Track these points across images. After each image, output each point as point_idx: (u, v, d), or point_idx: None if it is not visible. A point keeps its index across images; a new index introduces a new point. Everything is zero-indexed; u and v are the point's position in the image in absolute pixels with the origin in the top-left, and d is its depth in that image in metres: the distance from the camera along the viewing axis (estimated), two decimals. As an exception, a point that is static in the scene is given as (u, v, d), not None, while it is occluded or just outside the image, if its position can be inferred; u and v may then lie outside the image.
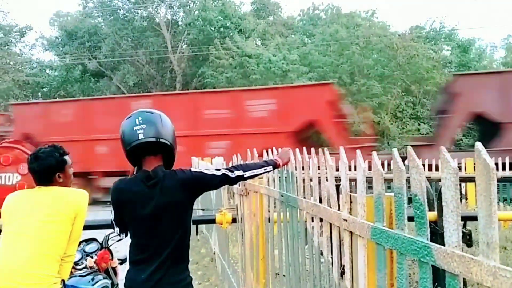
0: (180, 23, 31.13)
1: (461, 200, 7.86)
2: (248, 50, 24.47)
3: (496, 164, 10.11)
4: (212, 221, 4.07)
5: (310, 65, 24.97)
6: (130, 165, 2.34)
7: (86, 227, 3.52)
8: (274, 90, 15.46)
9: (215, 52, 25.06)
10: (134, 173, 2.30)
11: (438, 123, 14.69)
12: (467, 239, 4.03)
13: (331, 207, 2.05)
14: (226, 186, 6.18)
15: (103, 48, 29.39)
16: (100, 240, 3.26)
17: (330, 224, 2.08)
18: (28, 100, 29.02)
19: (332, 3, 31.03)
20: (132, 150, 2.19)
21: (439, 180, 1.41)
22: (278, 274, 3.29)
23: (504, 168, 9.97)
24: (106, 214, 2.45)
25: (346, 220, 1.85)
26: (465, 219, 4.08)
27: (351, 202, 1.85)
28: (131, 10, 30.95)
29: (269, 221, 3.26)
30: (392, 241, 1.47)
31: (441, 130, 13.94)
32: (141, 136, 2.14)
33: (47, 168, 2.53)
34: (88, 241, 3.22)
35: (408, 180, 1.43)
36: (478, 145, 1.09)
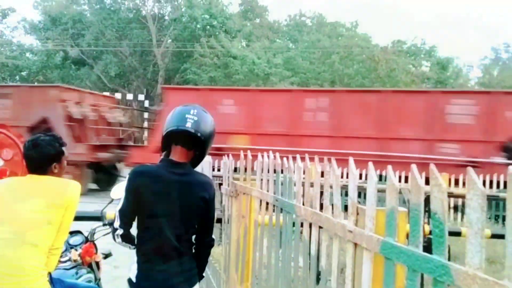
0: (166, 17, 30.91)
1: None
2: (233, 51, 24.47)
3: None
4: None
5: (294, 70, 25.14)
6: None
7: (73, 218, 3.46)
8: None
9: (200, 50, 24.98)
10: (160, 158, 2.32)
11: None
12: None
13: (333, 217, 2.04)
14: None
15: (87, 36, 28.96)
16: (86, 233, 3.18)
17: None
18: (6, 82, 28.30)
19: (318, 11, 31.31)
20: (171, 134, 2.21)
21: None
22: (262, 279, 3.28)
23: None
24: (95, 206, 2.41)
25: (351, 232, 1.84)
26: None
27: (357, 214, 1.85)
28: (117, 0, 30.54)
29: (259, 225, 3.24)
30: (404, 257, 1.47)
31: None
32: (188, 125, 2.18)
33: (45, 156, 2.45)
34: (73, 233, 3.13)
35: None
36: (470, 170, 1.10)
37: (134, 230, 2.32)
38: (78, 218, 3.56)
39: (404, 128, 12.44)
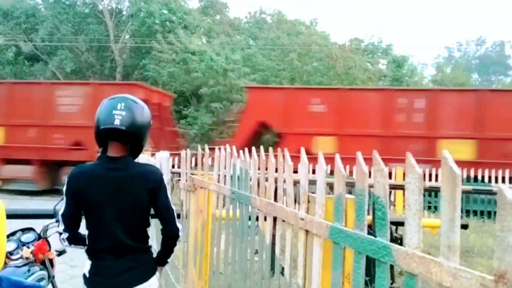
0: (124, 12, 30.28)
1: (390, 206, 8.32)
2: (191, 46, 24.27)
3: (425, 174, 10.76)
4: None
5: (254, 68, 25.21)
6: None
7: (25, 216, 3.37)
8: None
9: (158, 46, 24.65)
10: (98, 155, 2.27)
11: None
12: (399, 243, 4.31)
13: (286, 206, 2.09)
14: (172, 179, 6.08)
15: (41, 31, 27.95)
16: (38, 230, 3.10)
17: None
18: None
19: (278, 9, 31.50)
20: (102, 133, 2.16)
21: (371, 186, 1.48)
22: (221, 273, 3.30)
23: (430, 179, 10.59)
24: (49, 204, 2.34)
25: (303, 219, 1.89)
26: (396, 224, 4.37)
27: (308, 202, 1.91)
28: (73, -6, 29.70)
29: (216, 219, 3.26)
30: (350, 241, 1.53)
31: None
32: (116, 122, 2.11)
33: None
34: (25, 230, 3.05)
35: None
36: (445, 153, 1.16)
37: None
38: (30, 216, 3.49)
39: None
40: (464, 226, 4.70)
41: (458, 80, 30.18)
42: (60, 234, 2.23)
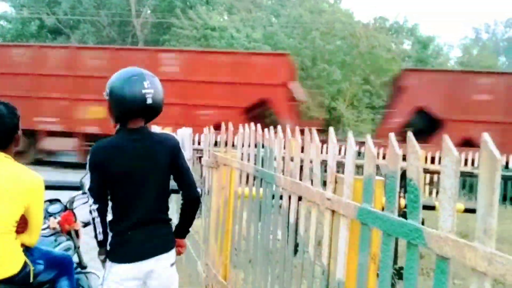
0: (146, -14, 30.11)
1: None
2: (212, 22, 24.08)
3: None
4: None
5: (275, 46, 24.95)
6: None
7: (52, 187, 3.44)
8: None
9: (178, 22, 24.52)
10: (116, 128, 2.28)
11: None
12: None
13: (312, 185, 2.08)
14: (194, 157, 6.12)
15: (63, 4, 28.03)
16: (64, 201, 3.17)
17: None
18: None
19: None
20: (130, 111, 2.16)
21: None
22: (242, 250, 3.33)
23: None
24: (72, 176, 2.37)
25: (329, 199, 1.89)
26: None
27: (336, 183, 1.89)
28: (95, -33, 29.59)
29: (239, 197, 3.27)
30: (380, 222, 1.52)
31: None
32: (149, 101, 2.15)
33: (10, 127, 2.30)
34: (52, 201, 3.12)
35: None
36: (485, 136, 1.13)
37: None
38: (57, 187, 3.56)
39: None
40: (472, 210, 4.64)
41: (485, 62, 29.42)
42: (90, 209, 2.24)
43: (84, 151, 13.94)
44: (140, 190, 2.20)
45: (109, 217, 2.28)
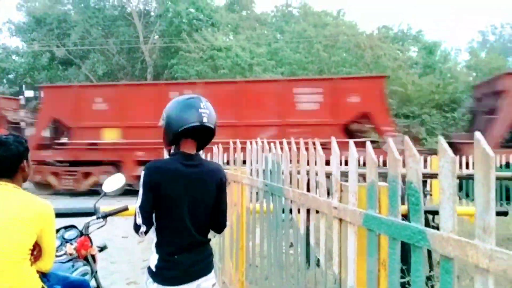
0: (152, 13, 30.69)
1: (425, 196, 8.14)
2: (217, 43, 24.41)
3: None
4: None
5: (281, 61, 25.14)
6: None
7: (66, 215, 3.51)
8: None
9: (184, 46, 24.91)
10: (171, 152, 2.35)
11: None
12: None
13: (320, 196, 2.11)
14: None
15: (73, 36, 28.67)
16: (79, 227, 3.22)
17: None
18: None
19: (304, 1, 31.22)
20: (184, 130, 2.21)
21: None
22: (257, 266, 3.35)
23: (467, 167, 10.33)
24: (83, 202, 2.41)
25: (336, 208, 1.91)
26: (432, 213, 4.29)
27: (341, 191, 1.92)
28: (101, -2, 30.32)
29: (250, 213, 3.30)
30: (385, 227, 1.54)
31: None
32: (205, 120, 2.20)
33: (15, 155, 2.34)
34: (68, 227, 3.17)
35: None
36: (477, 135, 1.16)
37: None
38: (71, 214, 3.62)
39: None
40: (504, 213, 4.58)
41: (494, 64, 29.21)
42: (138, 227, 2.25)
43: None
44: (188, 215, 2.25)
45: (154, 239, 2.31)
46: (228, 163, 4.07)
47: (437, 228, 2.67)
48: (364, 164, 1.72)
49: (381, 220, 1.56)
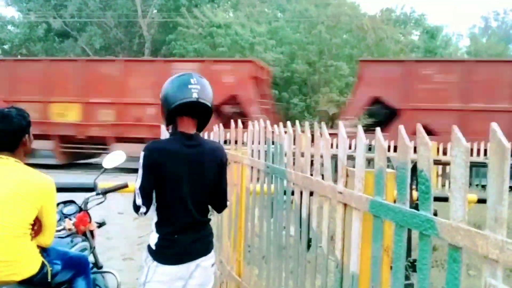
0: (151, -14, 30.21)
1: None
2: (216, 20, 24.07)
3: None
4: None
5: (281, 41, 24.90)
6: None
7: (65, 189, 3.50)
8: None
9: (183, 21, 24.56)
10: (169, 132, 2.34)
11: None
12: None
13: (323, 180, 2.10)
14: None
15: (70, 7, 28.21)
16: (79, 202, 3.21)
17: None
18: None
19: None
20: (177, 108, 2.18)
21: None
22: (254, 246, 3.36)
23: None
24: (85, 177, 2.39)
25: (341, 193, 1.90)
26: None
27: (347, 176, 1.91)
28: (100, -31, 29.74)
29: (250, 193, 3.30)
30: (392, 214, 1.54)
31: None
32: (195, 95, 2.16)
33: (17, 129, 2.33)
34: (67, 203, 3.17)
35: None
36: (493, 125, 1.14)
37: None
38: (71, 189, 3.62)
39: None
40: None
41: (493, 50, 29.12)
42: (138, 207, 2.23)
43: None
44: (188, 194, 2.24)
45: (154, 218, 2.30)
46: (226, 142, 4.06)
47: (435, 214, 2.67)
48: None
49: (388, 207, 1.56)
